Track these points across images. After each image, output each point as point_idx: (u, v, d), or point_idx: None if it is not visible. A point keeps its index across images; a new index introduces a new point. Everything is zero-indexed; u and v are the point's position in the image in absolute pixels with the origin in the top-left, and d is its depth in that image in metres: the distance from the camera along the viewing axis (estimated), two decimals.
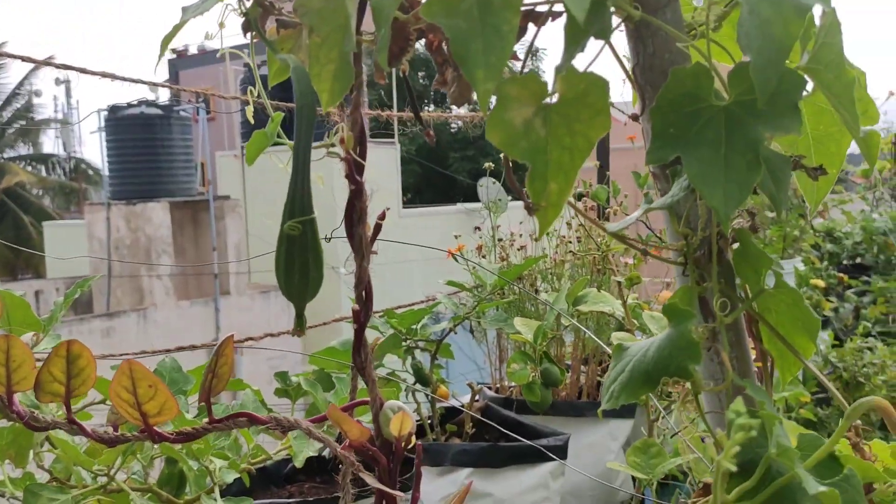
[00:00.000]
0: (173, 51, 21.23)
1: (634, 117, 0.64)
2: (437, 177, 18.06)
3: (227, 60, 0.72)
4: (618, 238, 0.60)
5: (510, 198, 2.91)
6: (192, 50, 20.99)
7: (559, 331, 1.97)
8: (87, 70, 2.14)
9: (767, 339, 0.63)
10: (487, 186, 3.92)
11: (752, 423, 0.40)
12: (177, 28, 0.61)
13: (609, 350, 1.67)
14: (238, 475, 1.35)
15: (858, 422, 0.60)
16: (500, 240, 2.37)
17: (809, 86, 0.65)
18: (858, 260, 4.50)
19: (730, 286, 0.63)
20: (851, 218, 4.20)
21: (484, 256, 2.40)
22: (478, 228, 2.45)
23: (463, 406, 2.09)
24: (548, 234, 2.41)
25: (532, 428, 2.01)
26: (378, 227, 0.70)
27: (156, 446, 1.40)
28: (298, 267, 0.62)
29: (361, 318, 0.70)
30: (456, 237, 2.44)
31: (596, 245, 2.21)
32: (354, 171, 0.67)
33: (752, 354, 0.72)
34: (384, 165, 10.68)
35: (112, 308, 10.10)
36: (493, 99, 0.57)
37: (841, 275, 3.93)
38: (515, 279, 2.12)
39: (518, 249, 2.41)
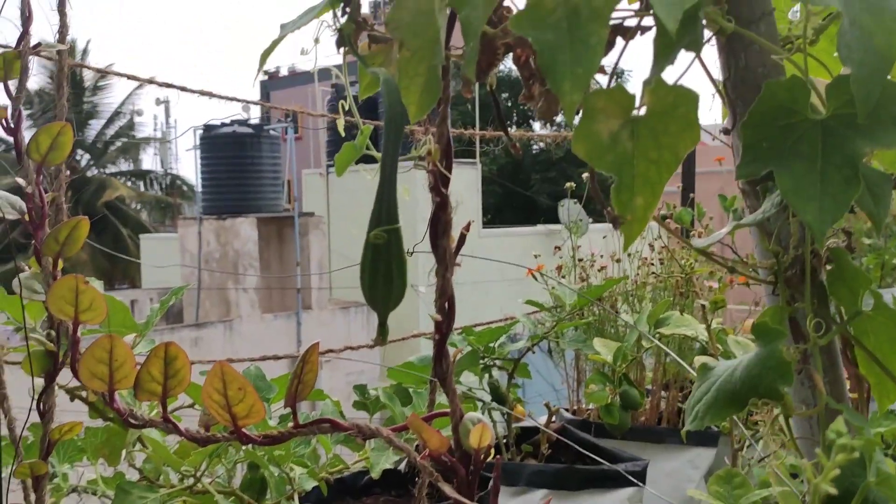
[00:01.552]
0: (265, 72, 22.06)
1: (726, 131, 0.62)
2: (518, 197, 18.04)
3: (316, 81, 0.74)
4: (704, 255, 0.59)
5: (591, 220, 2.88)
6: (283, 72, 21.75)
7: (639, 354, 1.93)
8: (187, 88, 2.25)
9: (864, 365, 0.60)
10: (568, 207, 3.89)
11: (854, 444, 0.38)
12: (275, 43, 0.64)
13: (691, 375, 1.62)
14: (316, 483, 1.38)
15: None
16: (580, 260, 2.34)
17: None
18: None
19: (823, 307, 0.61)
20: None
21: (564, 277, 2.38)
22: (558, 248, 2.44)
23: (540, 426, 2.07)
24: (629, 255, 2.37)
25: (610, 452, 1.97)
26: (462, 239, 0.71)
27: (240, 452, 1.44)
28: (383, 275, 0.64)
29: (443, 329, 0.71)
30: (535, 256, 2.43)
31: (679, 267, 2.16)
32: (440, 183, 0.68)
33: (847, 382, 0.69)
34: (465, 185, 10.74)
35: (200, 319, 10.48)
36: (580, 113, 0.57)
37: None
38: (595, 300, 2.10)
39: (598, 270, 2.38)
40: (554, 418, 2.21)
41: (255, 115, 12.76)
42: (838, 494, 0.53)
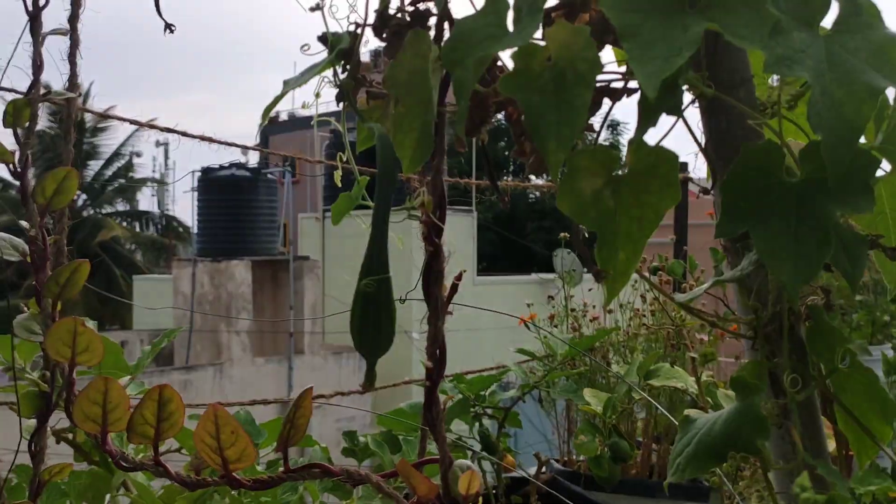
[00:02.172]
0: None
1: (705, 191, 0.65)
2: (514, 246, 18.11)
3: (315, 128, 0.77)
4: (686, 309, 0.61)
5: (585, 269, 2.91)
6: (283, 116, 22.01)
7: (630, 405, 1.93)
8: (187, 133, 2.30)
9: (842, 421, 0.61)
10: (562, 257, 3.93)
11: (818, 499, 0.40)
12: (277, 99, 0.67)
13: None
14: None
15: None
16: (572, 310, 2.36)
17: (888, 165, 0.66)
18: None
19: (802, 363, 0.62)
20: None
21: (556, 326, 2.39)
22: (551, 298, 2.45)
23: (530, 477, 2.06)
24: (621, 306, 2.39)
25: None
26: (454, 288, 0.73)
27: (226, 498, 1.44)
28: (372, 322, 0.65)
29: (434, 376, 0.72)
30: (528, 305, 2.45)
31: (670, 319, 2.18)
32: (433, 233, 0.70)
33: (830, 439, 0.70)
34: (461, 232, 10.80)
35: (191, 361, 10.40)
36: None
37: None
38: (587, 350, 2.10)
39: (591, 321, 2.39)
40: (544, 469, 2.20)
41: (253, 158, 12.89)
42: None
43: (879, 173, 0.65)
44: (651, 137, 0.65)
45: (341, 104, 0.69)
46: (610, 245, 0.58)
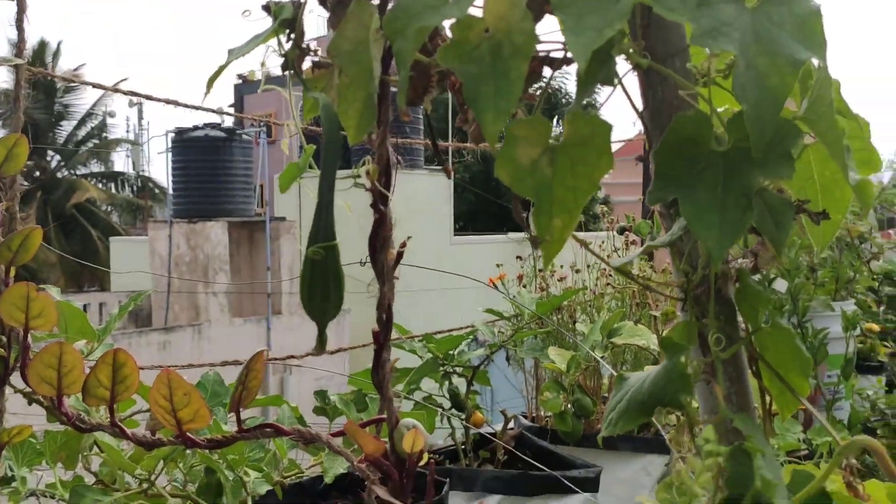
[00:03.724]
0: (239, 76, 21.96)
1: (640, 159, 0.67)
2: (490, 205, 18.13)
3: (290, 86, 0.77)
4: (621, 272, 0.64)
5: None
6: (258, 75, 21.65)
7: (595, 363, 1.98)
8: (153, 97, 2.27)
9: (767, 378, 0.65)
10: None
11: (720, 450, 0.43)
12: (221, 69, 0.67)
13: None
14: (271, 487, 1.40)
15: (854, 461, 0.61)
16: (540, 270, 2.39)
17: None
18: None
19: (730, 324, 0.65)
20: None
21: (525, 286, 2.43)
22: (520, 258, 2.48)
23: (495, 433, 2.11)
24: (588, 266, 2.43)
25: (565, 459, 2.02)
26: (400, 255, 0.74)
27: (196, 456, 1.46)
28: (320, 289, 0.67)
29: (381, 339, 0.74)
30: (497, 266, 2.48)
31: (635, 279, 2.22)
32: (379, 201, 0.72)
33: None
34: (436, 192, 10.79)
35: (170, 323, 10.39)
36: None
37: None
38: (554, 310, 2.14)
39: (559, 281, 2.43)
40: (512, 425, 2.26)
41: (229, 119, 12.71)
42: (736, 498, 0.58)
43: (809, 140, 0.68)
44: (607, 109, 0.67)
45: (286, 72, 0.70)
46: (546, 212, 0.60)
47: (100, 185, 23.96)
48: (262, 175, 12.51)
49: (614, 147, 0.64)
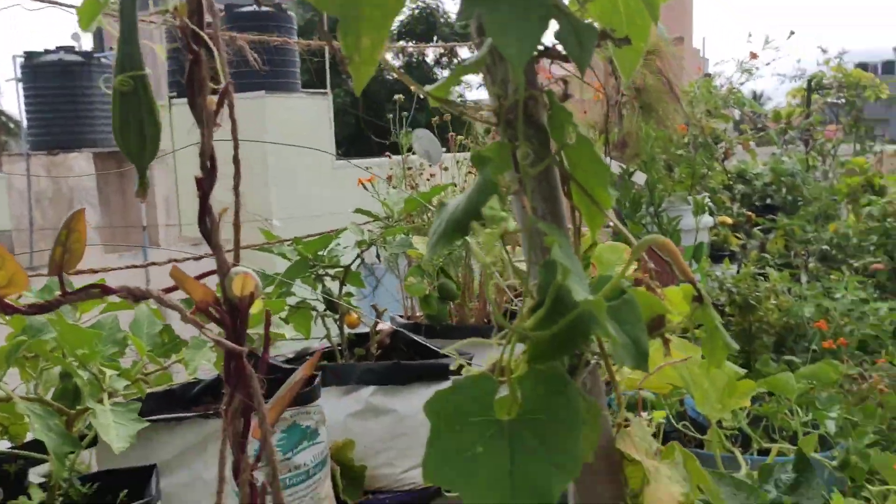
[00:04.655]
0: None
1: None
2: (373, 128, 17.87)
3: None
4: (436, 99, 0.64)
5: (444, 149, 2.94)
6: None
7: (459, 249, 2.03)
8: None
9: (576, 196, 0.68)
10: (420, 138, 3.91)
11: (501, 215, 0.45)
12: None
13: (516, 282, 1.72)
14: (128, 383, 1.37)
15: (652, 265, 0.66)
16: (409, 168, 2.40)
17: None
18: (769, 201, 4.70)
19: (544, 147, 0.68)
20: (753, 154, 4.37)
21: (394, 187, 2.44)
22: (388, 155, 2.48)
23: (369, 329, 2.14)
24: (458, 162, 2.45)
25: (437, 350, 2.08)
26: (222, 97, 0.72)
27: (47, 361, 1.40)
28: (134, 123, 0.65)
29: (205, 187, 0.73)
30: (367, 169, 2.46)
31: None
32: (191, 40, 0.69)
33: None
34: (316, 116, 10.52)
35: (35, 262, 9.79)
36: None
37: (749, 213, 4.11)
38: (422, 206, 2.17)
39: (427, 179, 2.45)
40: (388, 322, 2.30)
41: (86, 42, 11.76)
42: (541, 300, 0.62)
43: None
44: None
45: None
46: (354, 31, 0.59)
47: None
48: None
49: None
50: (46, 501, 1.24)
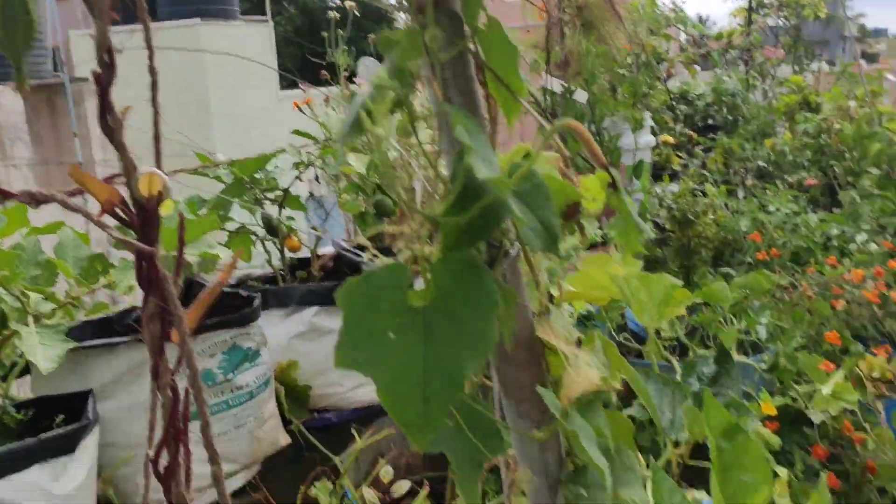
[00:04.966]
0: None
1: None
2: (318, 59, 17.40)
3: None
4: None
5: None
6: None
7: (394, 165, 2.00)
8: None
9: (492, 86, 0.67)
10: (367, 66, 3.83)
11: (391, 84, 0.44)
12: None
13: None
14: (55, 306, 1.34)
15: (568, 153, 0.66)
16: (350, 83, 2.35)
17: None
18: (710, 121, 4.76)
19: (459, 36, 0.66)
20: (693, 72, 4.40)
21: (333, 109, 2.38)
22: (324, 75, 2.41)
23: (311, 253, 2.13)
24: None
25: None
26: None
27: None
28: (2, 9, 0.60)
29: (104, 81, 0.69)
30: (303, 90, 2.40)
31: None
32: None
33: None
34: (257, 45, 10.17)
35: None
36: None
37: (691, 133, 4.15)
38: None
39: None
40: (330, 247, 2.28)
41: None
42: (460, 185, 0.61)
43: None
44: None
45: None
46: None
47: None
48: (55, 35, 11.16)
49: None
50: None
